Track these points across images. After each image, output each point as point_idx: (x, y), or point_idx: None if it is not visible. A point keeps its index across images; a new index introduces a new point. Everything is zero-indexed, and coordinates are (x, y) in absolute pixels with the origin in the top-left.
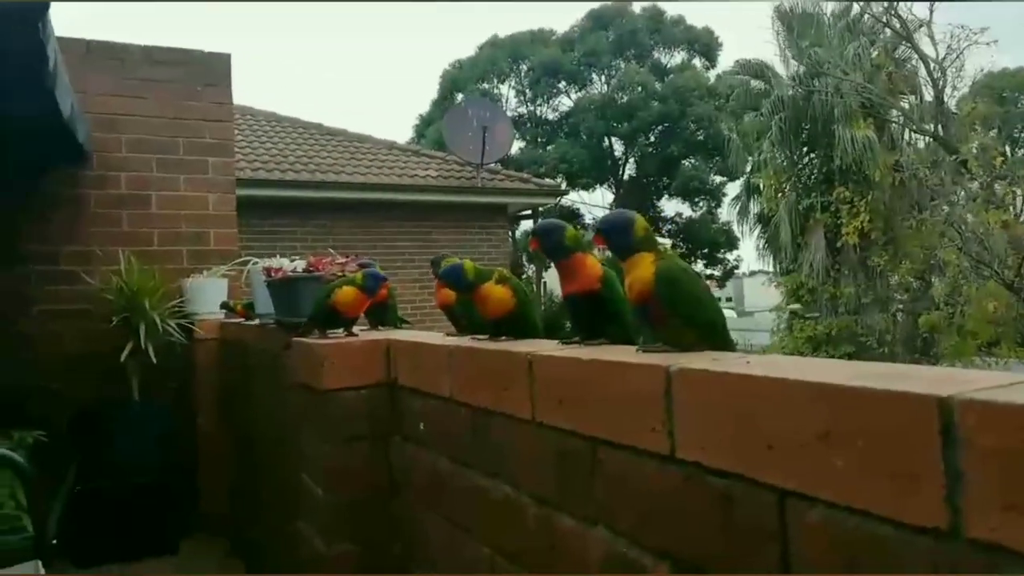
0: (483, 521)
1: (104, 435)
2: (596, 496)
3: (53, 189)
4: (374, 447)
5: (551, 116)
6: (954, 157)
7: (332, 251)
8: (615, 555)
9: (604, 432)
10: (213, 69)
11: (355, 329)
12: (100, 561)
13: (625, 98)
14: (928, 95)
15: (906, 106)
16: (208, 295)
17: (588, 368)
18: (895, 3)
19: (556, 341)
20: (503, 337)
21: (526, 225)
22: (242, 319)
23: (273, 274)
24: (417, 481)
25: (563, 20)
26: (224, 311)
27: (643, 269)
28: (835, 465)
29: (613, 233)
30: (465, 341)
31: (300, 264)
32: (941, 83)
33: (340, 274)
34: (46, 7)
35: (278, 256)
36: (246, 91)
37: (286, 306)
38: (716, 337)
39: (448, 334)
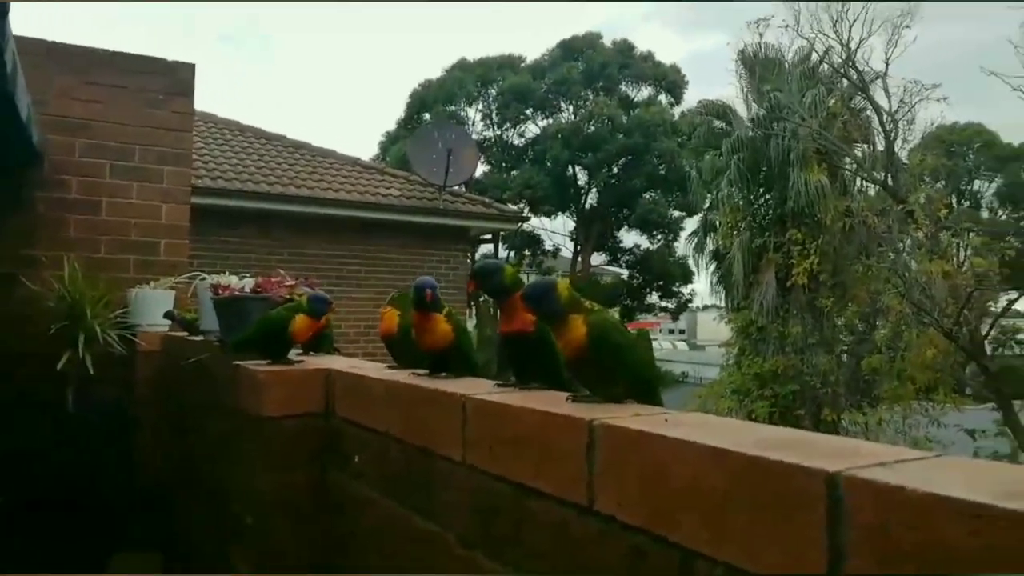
0: (410, 558)
1: (35, 445)
2: (520, 542)
3: (1, 190)
4: (309, 476)
5: (517, 142)
6: (901, 206)
7: (282, 272)
8: None
9: (530, 480)
10: (176, 78)
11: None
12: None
13: (592, 129)
14: (880, 145)
15: (859, 154)
16: (154, 307)
17: (517, 415)
18: (853, 56)
19: (492, 382)
20: (442, 373)
21: (486, 248)
22: (186, 333)
23: (220, 291)
24: (349, 512)
25: (533, 47)
26: (169, 320)
27: (575, 330)
28: (734, 529)
29: (538, 301)
30: (403, 376)
31: (249, 283)
32: (893, 134)
33: (288, 296)
34: (5, 10)
35: (227, 273)
36: (208, 98)
37: (231, 325)
38: (645, 389)
39: (388, 366)
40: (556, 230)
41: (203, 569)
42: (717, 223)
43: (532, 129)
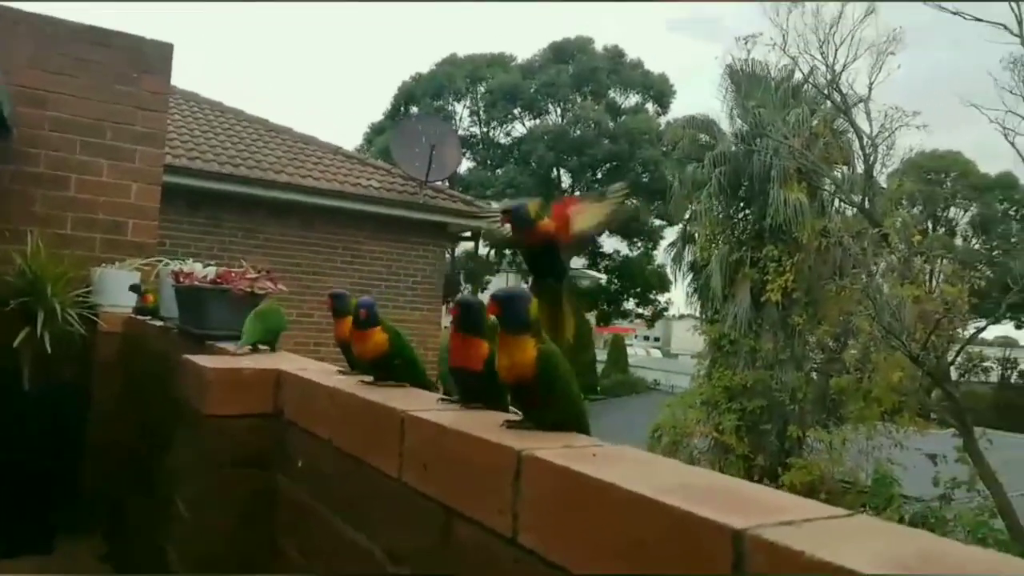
0: (340, 568)
1: None
2: (446, 564)
3: None
4: (251, 477)
5: (503, 140)
6: (877, 230)
7: (244, 263)
8: None
9: (458, 503)
10: (152, 56)
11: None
12: None
13: (578, 132)
14: (859, 168)
15: (838, 175)
16: (117, 288)
17: (451, 437)
18: (838, 78)
19: (437, 396)
20: (390, 382)
21: (467, 246)
22: (148, 317)
23: (182, 279)
24: (287, 517)
25: (525, 47)
26: (135, 294)
27: (525, 352)
28: (648, 574)
29: (512, 308)
30: (349, 383)
31: (211, 272)
32: (872, 158)
33: (249, 290)
34: None
35: (190, 260)
36: (191, 77)
37: (191, 315)
38: (578, 418)
39: (340, 371)
40: None
41: (140, 560)
42: (696, 235)
43: (519, 129)
